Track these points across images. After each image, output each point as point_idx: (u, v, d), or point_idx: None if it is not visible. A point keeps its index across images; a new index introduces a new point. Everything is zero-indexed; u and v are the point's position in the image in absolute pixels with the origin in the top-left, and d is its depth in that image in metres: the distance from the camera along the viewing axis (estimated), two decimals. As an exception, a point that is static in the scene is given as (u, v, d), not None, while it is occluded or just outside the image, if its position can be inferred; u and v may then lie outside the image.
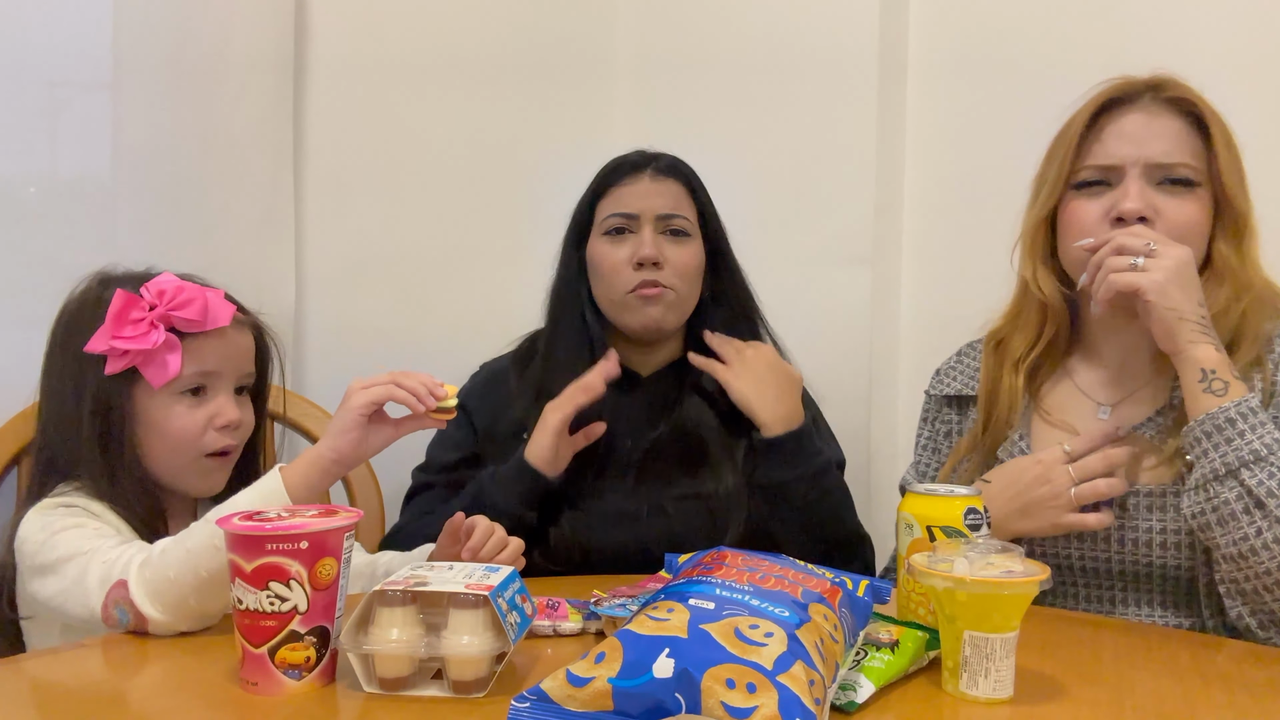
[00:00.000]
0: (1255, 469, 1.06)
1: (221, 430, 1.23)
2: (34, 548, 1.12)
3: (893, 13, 1.84)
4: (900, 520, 1.06)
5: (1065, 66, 1.69)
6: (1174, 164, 1.19)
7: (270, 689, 0.88)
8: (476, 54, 1.86)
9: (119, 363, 1.17)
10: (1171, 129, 1.20)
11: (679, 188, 1.48)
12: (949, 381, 1.40)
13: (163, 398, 1.20)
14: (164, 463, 1.22)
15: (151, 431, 1.20)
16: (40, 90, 1.52)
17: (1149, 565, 1.18)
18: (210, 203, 1.62)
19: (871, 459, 1.86)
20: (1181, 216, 1.18)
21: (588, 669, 0.76)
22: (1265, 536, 1.05)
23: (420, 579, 0.91)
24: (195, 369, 1.20)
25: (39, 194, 1.52)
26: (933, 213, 1.87)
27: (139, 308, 1.17)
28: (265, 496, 1.06)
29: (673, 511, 1.40)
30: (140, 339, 1.16)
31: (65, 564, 1.09)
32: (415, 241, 1.83)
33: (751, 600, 0.83)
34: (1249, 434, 1.07)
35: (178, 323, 1.18)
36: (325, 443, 1.11)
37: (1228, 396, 1.09)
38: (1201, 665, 0.99)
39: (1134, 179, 1.19)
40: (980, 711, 0.86)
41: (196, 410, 1.22)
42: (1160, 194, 1.19)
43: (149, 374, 1.18)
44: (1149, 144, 1.19)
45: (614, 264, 1.44)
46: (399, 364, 1.77)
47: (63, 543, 1.11)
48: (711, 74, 1.92)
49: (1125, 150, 1.20)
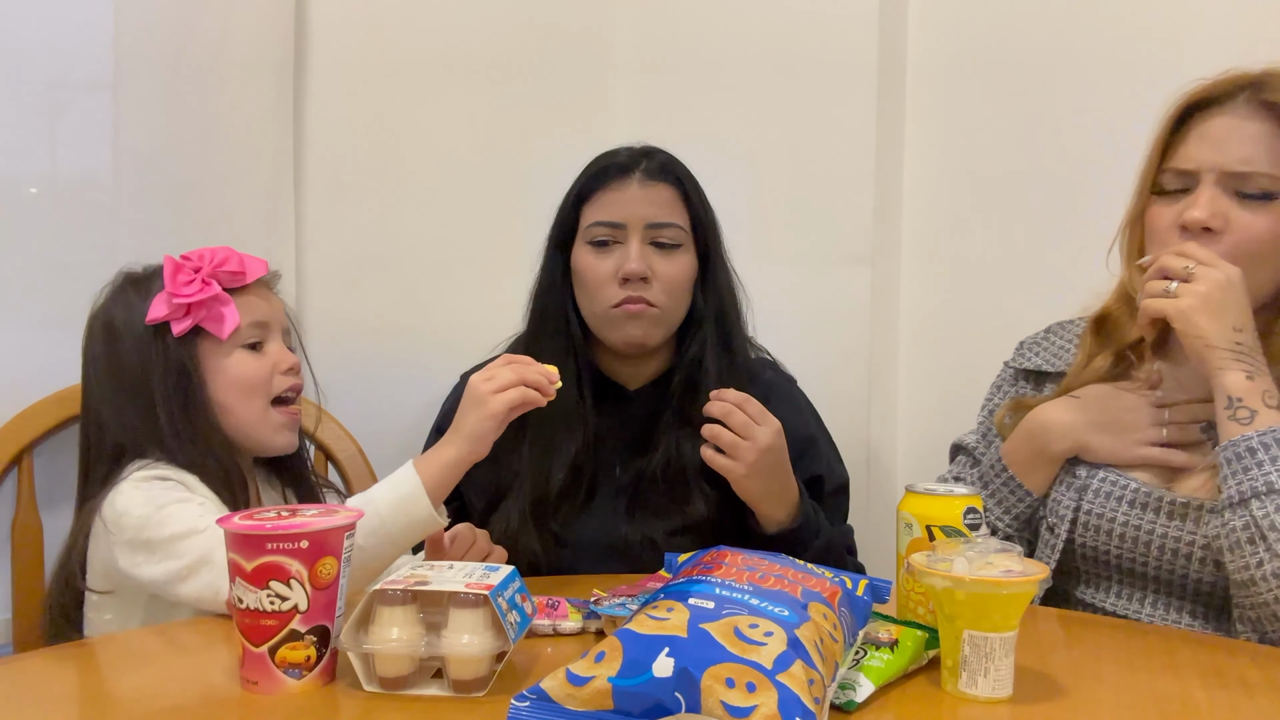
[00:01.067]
0: (1265, 500, 1.04)
1: (286, 373, 1.30)
2: (138, 522, 1.13)
3: (893, 12, 1.84)
4: (900, 519, 1.06)
5: (1065, 66, 1.70)
6: (1252, 173, 1.13)
7: (270, 688, 0.88)
8: (476, 54, 1.86)
9: (184, 322, 1.23)
10: (1259, 134, 1.13)
11: (670, 192, 1.39)
12: (1031, 356, 1.37)
13: (227, 348, 1.26)
14: (240, 415, 1.27)
15: (224, 386, 1.26)
16: (40, 90, 1.52)
17: (1184, 576, 1.17)
18: (210, 203, 1.62)
19: (871, 459, 1.86)
20: (1253, 230, 1.13)
21: (588, 668, 0.76)
22: (1265, 569, 1.04)
23: (420, 578, 0.91)
24: (250, 320, 1.28)
25: (39, 194, 1.52)
26: (933, 213, 1.87)
27: (185, 271, 1.24)
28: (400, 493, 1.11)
29: (663, 544, 1.33)
30: (199, 292, 1.23)
31: (179, 542, 1.10)
32: (415, 241, 1.83)
33: (751, 599, 0.83)
34: (1267, 465, 1.05)
35: (223, 278, 1.26)
36: (463, 447, 1.13)
37: (1253, 425, 1.07)
38: (1201, 665, 0.99)
39: (1207, 186, 1.14)
40: (980, 711, 0.86)
41: (261, 359, 1.29)
42: (1236, 204, 1.14)
43: (213, 327, 1.25)
44: (1230, 149, 1.14)
45: (598, 278, 1.37)
46: (398, 363, 1.80)
47: (174, 519, 1.12)
48: (711, 73, 1.92)
49: (1204, 155, 1.15)
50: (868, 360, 1.86)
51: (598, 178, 1.40)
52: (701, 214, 1.41)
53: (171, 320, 1.23)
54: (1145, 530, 1.17)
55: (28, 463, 1.42)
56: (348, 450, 1.61)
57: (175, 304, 1.23)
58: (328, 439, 1.60)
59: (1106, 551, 1.20)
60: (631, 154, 1.42)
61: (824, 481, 1.43)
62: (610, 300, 1.37)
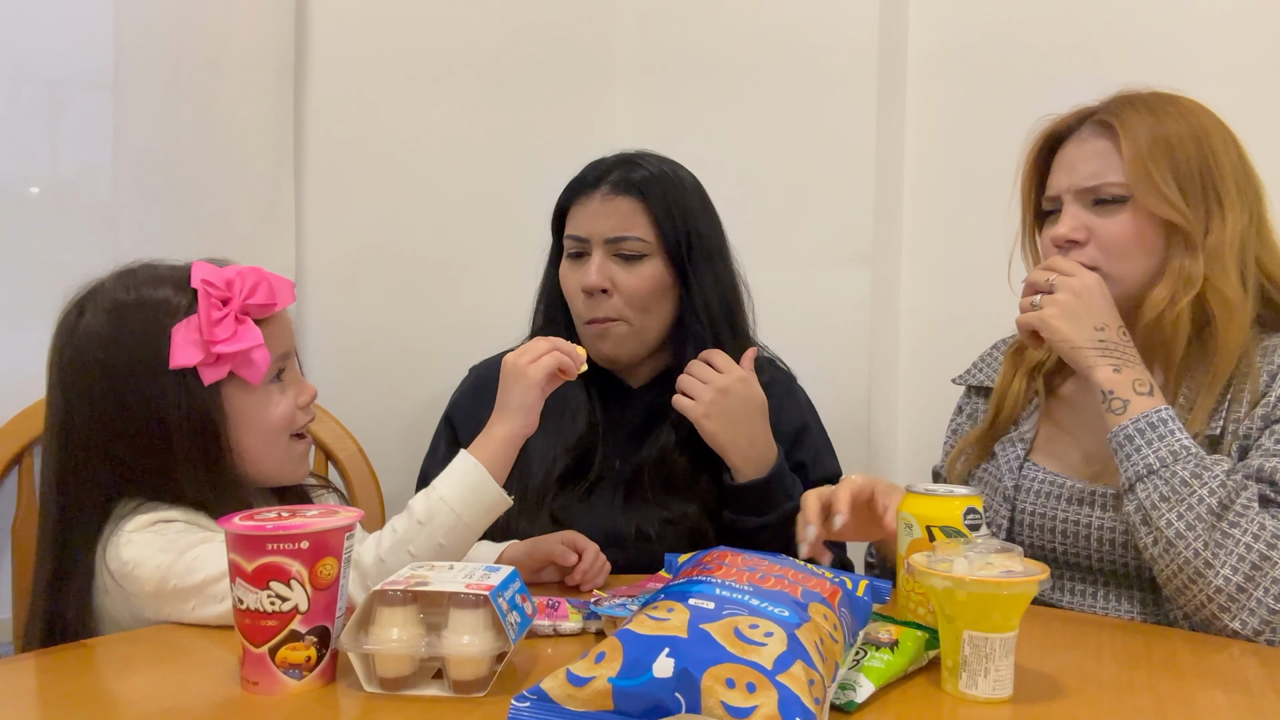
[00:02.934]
0: (1147, 482, 1.11)
1: (304, 408, 1.21)
2: (158, 573, 1.05)
3: (893, 12, 1.84)
4: (900, 520, 1.06)
5: (1065, 66, 1.70)
6: (1099, 184, 1.22)
7: (271, 688, 0.88)
8: (476, 54, 1.86)
9: (215, 369, 1.10)
10: (1101, 150, 1.23)
11: (631, 204, 1.40)
12: (976, 372, 1.44)
13: (259, 393, 1.15)
14: (264, 454, 1.17)
15: (249, 428, 1.15)
16: (40, 90, 1.52)
17: (1124, 564, 1.21)
18: (210, 203, 1.62)
19: (871, 459, 1.86)
20: (1112, 231, 1.22)
21: (588, 668, 0.76)
22: (1156, 549, 1.10)
23: (420, 579, 0.91)
24: (276, 353, 1.16)
25: (39, 194, 1.52)
26: (933, 213, 1.87)
27: (214, 303, 1.10)
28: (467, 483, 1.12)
29: (656, 535, 1.38)
30: (234, 339, 1.10)
31: (213, 586, 1.03)
32: (415, 241, 1.83)
33: (751, 600, 0.83)
34: (1145, 448, 1.11)
35: (254, 310, 1.13)
36: (515, 421, 1.16)
37: (1127, 414, 1.13)
38: (1202, 665, 0.99)
39: (1068, 205, 1.25)
40: (980, 711, 0.86)
41: (285, 395, 1.19)
42: (1095, 214, 1.23)
43: (247, 374, 1.12)
44: (1079, 169, 1.24)
45: (570, 290, 1.43)
46: (398, 363, 1.80)
47: (201, 564, 1.04)
48: (711, 74, 1.92)
49: (1061, 180, 1.26)
50: (868, 360, 1.86)
51: (570, 192, 1.46)
52: (669, 223, 1.41)
53: (202, 367, 1.09)
54: (1084, 524, 1.23)
55: (28, 463, 1.42)
56: (348, 450, 1.61)
57: (210, 351, 1.09)
58: (328, 439, 1.60)
59: (1052, 549, 1.26)
60: (597, 169, 1.44)
61: (808, 469, 1.46)
62: (580, 316, 1.43)
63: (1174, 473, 1.09)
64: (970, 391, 1.45)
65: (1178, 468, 1.09)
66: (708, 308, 1.43)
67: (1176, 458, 1.10)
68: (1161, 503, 1.09)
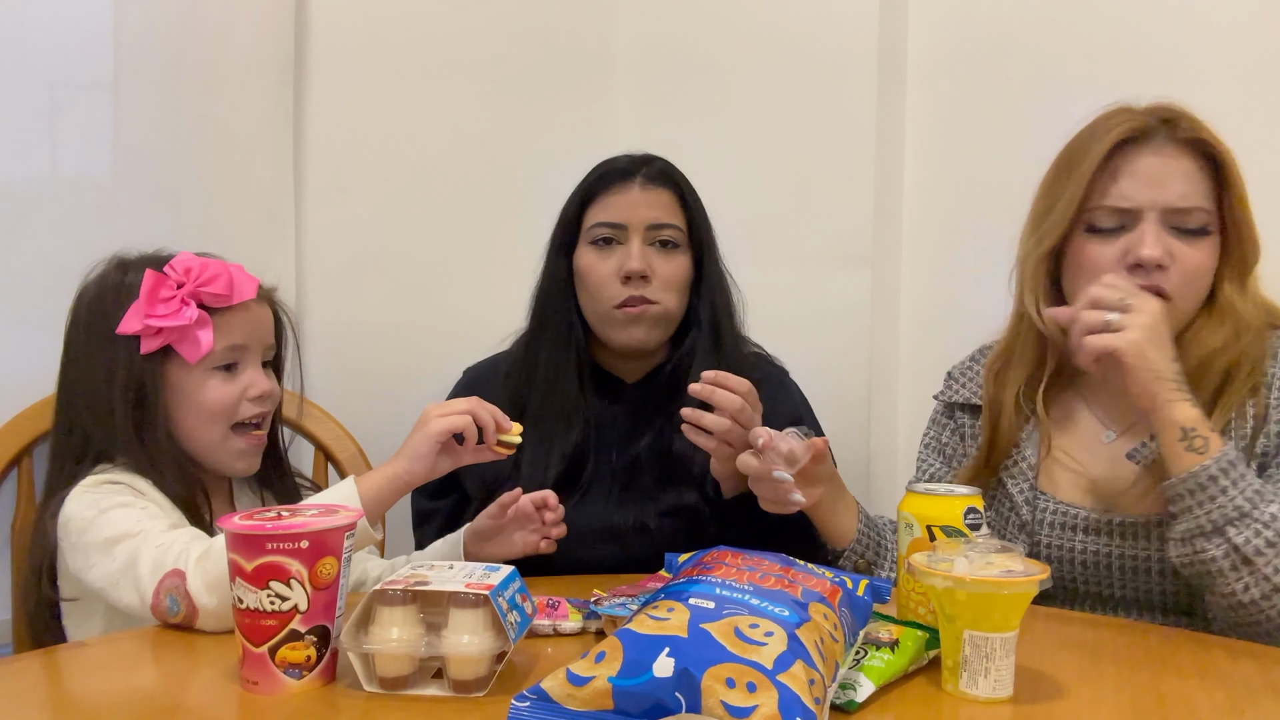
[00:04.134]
0: (1240, 525, 1.06)
1: (254, 400, 1.26)
2: (81, 525, 1.12)
3: (893, 13, 1.84)
4: (900, 519, 1.06)
5: (1065, 67, 1.70)
6: (1190, 209, 1.17)
7: (270, 688, 0.88)
8: (476, 53, 1.86)
9: (153, 341, 1.19)
10: (1186, 171, 1.18)
11: (669, 196, 1.44)
12: (959, 389, 1.39)
13: (197, 373, 1.22)
14: (198, 437, 1.24)
15: (186, 407, 1.23)
16: (40, 90, 1.52)
17: (1148, 591, 1.19)
18: (210, 203, 1.62)
19: (871, 459, 1.86)
20: (1193, 262, 1.17)
21: (588, 668, 0.76)
22: (1253, 592, 1.06)
23: (420, 578, 0.91)
24: (226, 344, 1.23)
25: (39, 194, 1.52)
26: (933, 213, 1.87)
27: (167, 286, 1.20)
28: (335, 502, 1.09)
29: (655, 527, 1.38)
30: (173, 316, 1.19)
31: (115, 545, 1.09)
32: (415, 241, 1.83)
33: (751, 599, 0.83)
34: (1231, 489, 1.06)
35: (206, 298, 1.21)
36: (401, 464, 1.15)
37: (1208, 453, 1.07)
38: (1201, 665, 0.99)
39: (1150, 224, 1.17)
40: (980, 711, 0.86)
41: (230, 384, 1.25)
42: (1175, 239, 1.18)
43: (184, 350, 1.20)
44: (1166, 187, 1.17)
45: (601, 277, 1.42)
46: (397, 363, 1.80)
47: (111, 522, 1.11)
48: (711, 74, 1.92)
49: (1142, 194, 1.18)
50: (868, 360, 1.86)
51: (601, 181, 1.45)
52: (697, 218, 1.46)
53: (142, 337, 1.19)
54: (1104, 554, 1.20)
55: (28, 463, 1.42)
56: (348, 450, 1.61)
57: (147, 323, 1.19)
58: (328, 439, 1.60)
59: (1072, 579, 1.24)
60: (633, 160, 1.47)
61: None
62: (613, 299, 1.41)
63: (1274, 515, 1.05)
64: (952, 409, 1.40)
65: (1269, 509, 1.05)
66: (713, 305, 1.46)
67: (1262, 498, 1.06)
68: (1268, 548, 1.04)
